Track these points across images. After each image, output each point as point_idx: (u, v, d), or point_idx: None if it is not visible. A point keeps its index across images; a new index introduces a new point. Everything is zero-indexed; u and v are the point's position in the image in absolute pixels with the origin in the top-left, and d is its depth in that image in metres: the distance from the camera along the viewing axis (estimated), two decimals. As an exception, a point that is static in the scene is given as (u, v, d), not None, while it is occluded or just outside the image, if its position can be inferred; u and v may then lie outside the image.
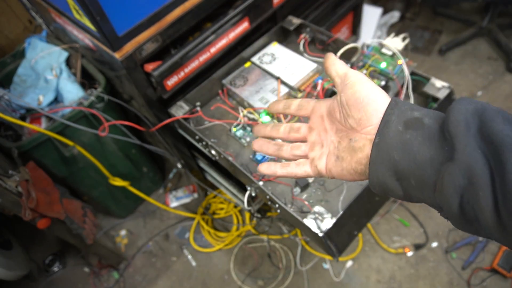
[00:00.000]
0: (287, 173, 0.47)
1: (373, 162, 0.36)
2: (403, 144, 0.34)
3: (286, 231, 1.63)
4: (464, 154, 0.30)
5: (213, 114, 1.13)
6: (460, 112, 0.31)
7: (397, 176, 0.35)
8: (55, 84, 1.23)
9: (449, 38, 2.25)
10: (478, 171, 0.29)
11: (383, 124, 0.36)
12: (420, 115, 0.35)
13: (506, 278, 1.44)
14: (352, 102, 0.39)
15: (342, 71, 0.41)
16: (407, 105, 0.36)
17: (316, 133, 0.46)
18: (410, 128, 0.34)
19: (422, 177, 0.33)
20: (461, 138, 0.30)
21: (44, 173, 1.20)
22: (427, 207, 1.65)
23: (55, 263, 1.70)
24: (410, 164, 0.33)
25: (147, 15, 0.93)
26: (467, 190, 0.30)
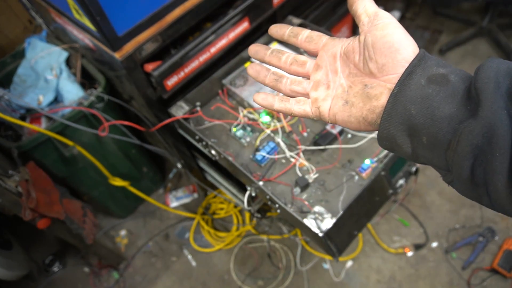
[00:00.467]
0: (284, 108, 0.43)
1: (388, 113, 0.34)
2: (423, 98, 0.32)
3: (286, 231, 1.63)
4: (489, 111, 0.28)
5: (213, 114, 1.13)
6: (491, 69, 0.29)
7: (410, 131, 0.33)
8: (55, 84, 1.23)
9: (449, 38, 2.25)
10: (501, 131, 0.27)
11: (406, 75, 0.33)
12: (446, 72, 0.33)
13: (506, 278, 1.44)
14: (380, 45, 0.35)
15: (372, 9, 0.38)
16: (434, 60, 0.34)
17: (324, 73, 0.42)
18: (434, 83, 0.32)
19: (437, 134, 0.31)
20: (489, 95, 0.28)
21: (44, 173, 1.20)
22: (427, 207, 1.65)
23: (55, 263, 1.70)
24: (426, 119, 0.32)
25: (147, 15, 0.93)
26: (484, 151, 0.28)
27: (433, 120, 0.31)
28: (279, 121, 1.05)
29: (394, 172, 0.99)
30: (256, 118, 1.06)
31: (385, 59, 0.35)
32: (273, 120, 1.06)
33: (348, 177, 0.96)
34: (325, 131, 1.02)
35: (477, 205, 1.62)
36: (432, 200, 1.67)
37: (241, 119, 1.07)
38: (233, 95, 1.14)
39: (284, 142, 1.02)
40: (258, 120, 1.06)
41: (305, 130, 1.05)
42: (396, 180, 1.01)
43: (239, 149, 1.04)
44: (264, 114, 1.05)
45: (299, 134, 1.04)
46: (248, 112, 1.07)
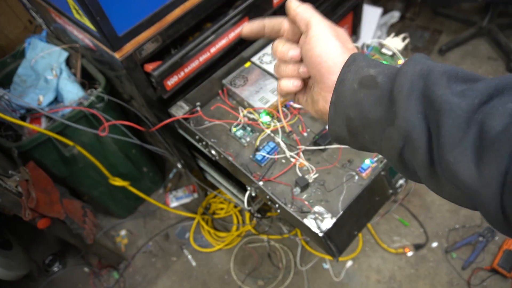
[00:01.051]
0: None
1: (331, 119, 0.38)
2: (356, 103, 0.35)
3: (286, 231, 1.63)
4: (403, 120, 0.31)
5: (213, 114, 1.13)
6: (406, 75, 0.32)
7: (353, 131, 0.37)
8: (55, 84, 1.23)
9: (449, 38, 2.25)
10: (415, 135, 0.31)
11: (339, 83, 0.36)
12: (375, 73, 0.35)
13: (506, 278, 1.44)
14: (308, 59, 0.39)
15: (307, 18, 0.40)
16: (365, 62, 0.36)
17: None
18: (364, 87, 0.35)
19: (373, 134, 0.35)
20: (402, 104, 0.31)
21: (44, 173, 1.20)
22: (427, 207, 1.65)
23: (55, 263, 1.70)
24: (362, 122, 0.35)
25: (147, 15, 0.93)
26: (406, 150, 0.32)
27: (368, 122, 0.35)
28: (279, 121, 1.05)
29: (394, 172, 0.99)
30: (256, 118, 1.06)
31: (313, 71, 0.39)
32: (273, 120, 1.06)
33: (348, 177, 0.96)
34: (325, 131, 1.02)
35: (477, 205, 1.62)
36: (432, 200, 1.67)
37: (241, 119, 1.07)
38: (233, 95, 1.14)
39: (284, 142, 1.02)
40: (258, 120, 1.06)
41: (305, 130, 1.05)
42: (396, 180, 1.01)
43: (239, 149, 1.04)
44: (264, 114, 1.05)
45: (299, 134, 1.04)
46: (248, 112, 1.07)
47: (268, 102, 1.06)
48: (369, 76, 0.35)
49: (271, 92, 1.09)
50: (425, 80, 0.31)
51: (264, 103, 1.06)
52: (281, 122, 1.05)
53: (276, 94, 1.08)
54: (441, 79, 0.30)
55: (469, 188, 0.29)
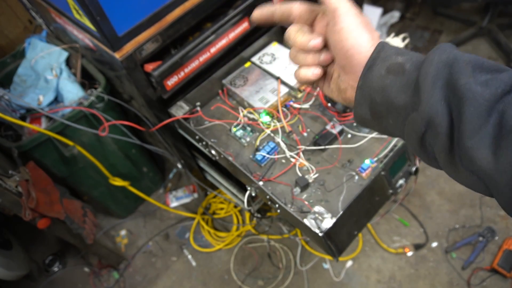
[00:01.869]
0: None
1: (357, 102, 0.39)
2: (382, 89, 0.36)
3: (286, 231, 1.63)
4: (426, 106, 0.32)
5: (213, 114, 1.13)
6: (432, 63, 0.33)
7: (377, 115, 0.38)
8: (55, 84, 1.23)
9: (449, 38, 2.25)
10: (437, 121, 0.32)
11: (367, 69, 0.37)
12: (403, 61, 0.36)
13: (506, 278, 1.44)
14: (338, 51, 0.39)
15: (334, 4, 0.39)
16: (393, 49, 0.37)
17: None
18: (391, 73, 0.35)
19: (397, 119, 0.36)
20: (426, 90, 0.32)
21: (44, 173, 1.20)
22: (427, 207, 1.65)
23: (55, 263, 1.70)
24: (388, 107, 0.36)
25: (147, 15, 0.93)
26: (427, 135, 0.33)
27: (393, 108, 0.36)
28: (279, 121, 1.05)
29: (394, 172, 0.99)
30: (256, 118, 1.06)
31: (344, 62, 0.39)
32: (273, 120, 1.06)
33: (348, 177, 0.96)
34: (325, 131, 1.02)
35: (477, 205, 1.62)
36: (432, 200, 1.67)
37: (241, 119, 1.07)
38: (233, 95, 1.14)
39: (284, 142, 1.02)
40: (258, 120, 1.06)
41: (305, 130, 1.05)
42: (396, 180, 1.01)
43: (239, 149, 1.04)
44: (264, 114, 1.05)
45: (299, 134, 1.04)
46: (248, 112, 1.07)
47: (268, 102, 1.06)
48: (397, 63, 0.36)
49: (271, 92, 1.09)
50: (450, 69, 0.32)
51: (264, 103, 1.06)
52: (281, 122, 1.05)
53: (276, 94, 1.08)
54: (465, 69, 0.31)
55: (486, 175, 0.30)
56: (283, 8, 0.43)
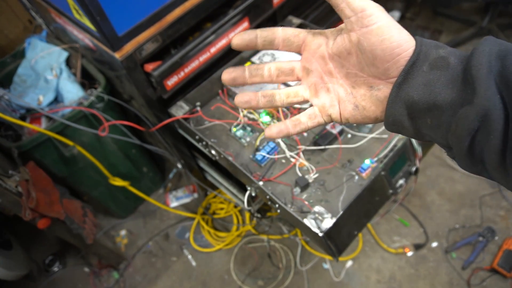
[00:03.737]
0: (300, 129, 0.42)
1: (392, 101, 0.35)
2: (425, 85, 0.33)
3: (286, 231, 1.63)
4: (483, 99, 0.29)
5: (213, 114, 1.13)
6: (483, 54, 0.30)
7: (413, 115, 0.34)
8: (55, 84, 1.23)
9: (449, 38, 2.25)
10: (494, 116, 0.29)
11: (410, 65, 0.33)
12: (445, 54, 0.33)
13: (506, 278, 1.44)
14: (379, 52, 0.34)
15: (358, 3, 0.34)
16: (432, 43, 0.34)
17: (317, 75, 0.40)
18: (435, 68, 0.33)
19: (439, 117, 0.32)
20: (482, 81, 0.29)
21: (44, 173, 1.20)
22: (427, 207, 1.65)
23: (55, 263, 1.70)
24: (429, 105, 0.32)
25: (147, 15, 0.93)
26: (480, 132, 0.30)
27: (436, 105, 0.32)
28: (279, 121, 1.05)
29: (394, 172, 0.99)
30: (256, 118, 1.06)
31: (388, 64, 0.34)
32: (273, 120, 1.06)
33: (348, 177, 0.96)
34: (325, 131, 1.02)
35: (477, 205, 1.62)
36: (432, 200, 1.67)
37: (241, 119, 1.07)
38: (233, 95, 1.14)
39: (284, 142, 1.02)
40: (258, 120, 1.06)
41: (305, 130, 1.05)
42: (396, 180, 1.01)
43: (239, 149, 1.04)
44: (264, 114, 1.05)
45: (299, 134, 1.04)
46: (248, 112, 1.07)
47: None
48: (440, 57, 0.33)
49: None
50: (502, 61, 0.29)
51: (264, 103, 1.06)
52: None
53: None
54: None
55: None
56: (266, 33, 0.39)
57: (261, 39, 0.39)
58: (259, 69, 0.41)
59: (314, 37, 0.39)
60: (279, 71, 0.41)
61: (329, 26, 1.57)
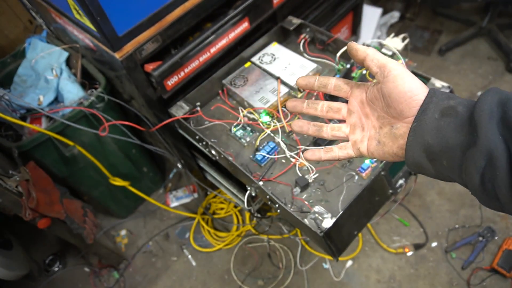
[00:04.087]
0: (331, 157, 0.50)
1: (410, 145, 0.40)
2: (437, 130, 0.38)
3: (286, 231, 1.63)
4: (485, 139, 0.33)
5: (213, 114, 1.13)
6: (486, 102, 0.34)
7: (430, 157, 0.39)
8: (55, 84, 1.23)
9: (449, 38, 2.25)
10: (496, 154, 0.32)
11: (421, 112, 0.39)
12: (455, 104, 0.38)
13: (505, 278, 1.44)
14: (395, 95, 0.41)
15: (380, 61, 0.43)
16: (444, 94, 0.39)
17: (357, 117, 0.48)
18: (445, 115, 0.38)
19: (453, 159, 0.37)
20: (483, 125, 0.34)
21: (44, 173, 1.20)
22: (427, 207, 1.65)
23: (55, 263, 1.70)
24: (442, 147, 0.37)
25: (147, 15, 0.93)
26: (487, 170, 0.34)
27: (448, 148, 0.37)
28: (279, 121, 1.05)
29: (394, 172, 0.99)
30: (256, 118, 1.06)
31: (402, 106, 0.41)
32: (273, 120, 1.06)
33: (348, 177, 0.96)
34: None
35: (476, 205, 1.62)
36: (432, 200, 1.67)
37: (241, 119, 1.07)
38: (233, 95, 1.14)
39: (284, 142, 1.02)
40: (258, 120, 1.06)
41: (305, 130, 1.05)
42: (396, 180, 1.01)
43: (239, 149, 1.04)
44: (264, 114, 1.05)
45: (299, 134, 1.05)
46: (248, 112, 1.07)
47: (268, 102, 1.06)
48: (449, 106, 0.38)
49: (271, 92, 1.09)
50: (503, 107, 0.34)
51: (264, 103, 1.06)
52: (281, 122, 1.05)
53: (276, 94, 1.08)
54: None
55: None
56: (323, 79, 0.49)
57: (318, 83, 0.49)
58: (315, 103, 0.50)
59: (358, 87, 0.48)
60: (329, 108, 0.50)
61: (329, 26, 1.57)
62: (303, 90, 1.09)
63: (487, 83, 2.01)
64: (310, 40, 1.21)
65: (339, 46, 1.12)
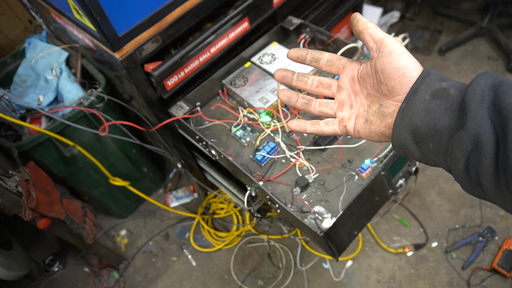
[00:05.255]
0: (316, 130, 0.48)
1: (397, 125, 0.39)
2: (426, 112, 0.37)
3: (286, 231, 1.63)
4: (473, 123, 0.32)
5: (213, 114, 1.13)
6: (478, 85, 0.34)
7: (417, 139, 0.38)
8: (55, 84, 1.23)
9: (449, 38, 2.25)
10: (484, 138, 0.32)
11: (412, 92, 0.38)
12: (447, 86, 0.37)
13: (506, 278, 1.44)
14: (388, 71, 0.40)
15: (378, 36, 0.41)
16: (438, 76, 0.38)
17: (346, 94, 0.47)
18: (436, 97, 0.37)
19: (439, 142, 0.36)
20: (473, 109, 0.33)
21: (44, 173, 1.20)
22: (427, 207, 1.65)
23: (55, 263, 1.70)
24: (430, 130, 0.37)
25: (147, 15, 0.93)
26: (473, 155, 0.33)
27: (435, 130, 0.36)
28: (279, 121, 1.05)
29: (394, 172, 0.99)
30: (256, 118, 1.06)
31: (394, 82, 0.40)
32: (273, 120, 1.06)
33: (348, 177, 0.96)
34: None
35: (477, 205, 1.62)
36: (432, 200, 1.67)
37: (241, 119, 1.07)
38: (233, 95, 1.14)
39: (284, 142, 1.02)
40: (258, 120, 1.06)
41: (305, 130, 1.05)
42: (396, 180, 1.01)
43: (239, 149, 1.04)
44: (264, 114, 1.05)
45: (299, 134, 1.04)
46: (248, 112, 1.07)
47: (268, 102, 1.06)
48: (441, 88, 0.37)
49: (271, 92, 1.09)
50: (495, 91, 0.33)
51: (264, 103, 1.06)
52: (281, 122, 1.05)
53: (276, 94, 1.08)
54: (511, 89, 0.32)
55: None
56: (315, 53, 0.48)
57: (310, 56, 0.47)
58: (305, 76, 0.48)
59: (351, 63, 0.46)
60: (320, 83, 0.48)
61: (329, 26, 1.57)
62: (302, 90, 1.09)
63: (487, 83, 2.01)
64: (310, 40, 1.20)
65: (339, 46, 1.12)
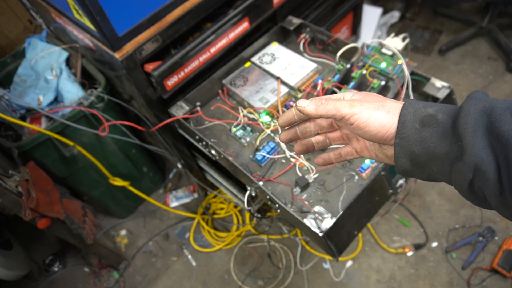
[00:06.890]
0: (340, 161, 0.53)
1: (397, 158, 0.40)
2: (421, 141, 0.38)
3: (286, 231, 1.63)
4: (471, 155, 0.33)
5: (213, 114, 1.13)
6: (469, 113, 0.34)
7: (419, 165, 0.39)
8: (55, 84, 1.23)
9: (449, 38, 2.25)
10: (484, 167, 0.33)
11: (401, 125, 0.39)
12: (433, 112, 0.38)
13: (506, 278, 1.44)
14: (368, 137, 0.42)
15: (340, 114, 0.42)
16: (420, 103, 0.39)
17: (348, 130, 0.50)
18: (426, 125, 0.37)
19: (442, 165, 0.37)
20: (469, 140, 0.33)
21: (44, 173, 1.20)
22: (427, 207, 1.65)
23: (55, 263, 1.70)
24: (429, 156, 0.38)
25: (147, 15, 0.93)
26: (476, 180, 0.34)
27: (435, 157, 0.37)
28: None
29: (394, 172, 0.99)
30: (256, 118, 1.06)
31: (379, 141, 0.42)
32: (273, 120, 1.06)
33: (348, 177, 0.96)
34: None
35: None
36: (432, 200, 1.67)
37: (241, 119, 1.07)
38: (233, 95, 1.14)
39: (284, 142, 1.02)
40: (258, 120, 1.06)
41: (305, 130, 1.05)
42: (396, 180, 1.01)
43: (239, 149, 1.04)
44: (264, 114, 1.05)
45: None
46: (248, 112, 1.07)
47: (268, 102, 1.06)
48: (428, 115, 0.38)
49: (271, 92, 1.09)
50: (489, 117, 0.33)
51: (264, 103, 1.06)
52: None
53: (276, 94, 1.08)
54: (504, 115, 0.32)
55: None
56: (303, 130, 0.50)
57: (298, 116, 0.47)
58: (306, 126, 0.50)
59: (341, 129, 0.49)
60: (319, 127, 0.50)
61: (329, 26, 1.57)
62: (302, 90, 1.09)
63: (487, 83, 2.01)
64: (310, 40, 1.20)
65: (339, 46, 1.12)
